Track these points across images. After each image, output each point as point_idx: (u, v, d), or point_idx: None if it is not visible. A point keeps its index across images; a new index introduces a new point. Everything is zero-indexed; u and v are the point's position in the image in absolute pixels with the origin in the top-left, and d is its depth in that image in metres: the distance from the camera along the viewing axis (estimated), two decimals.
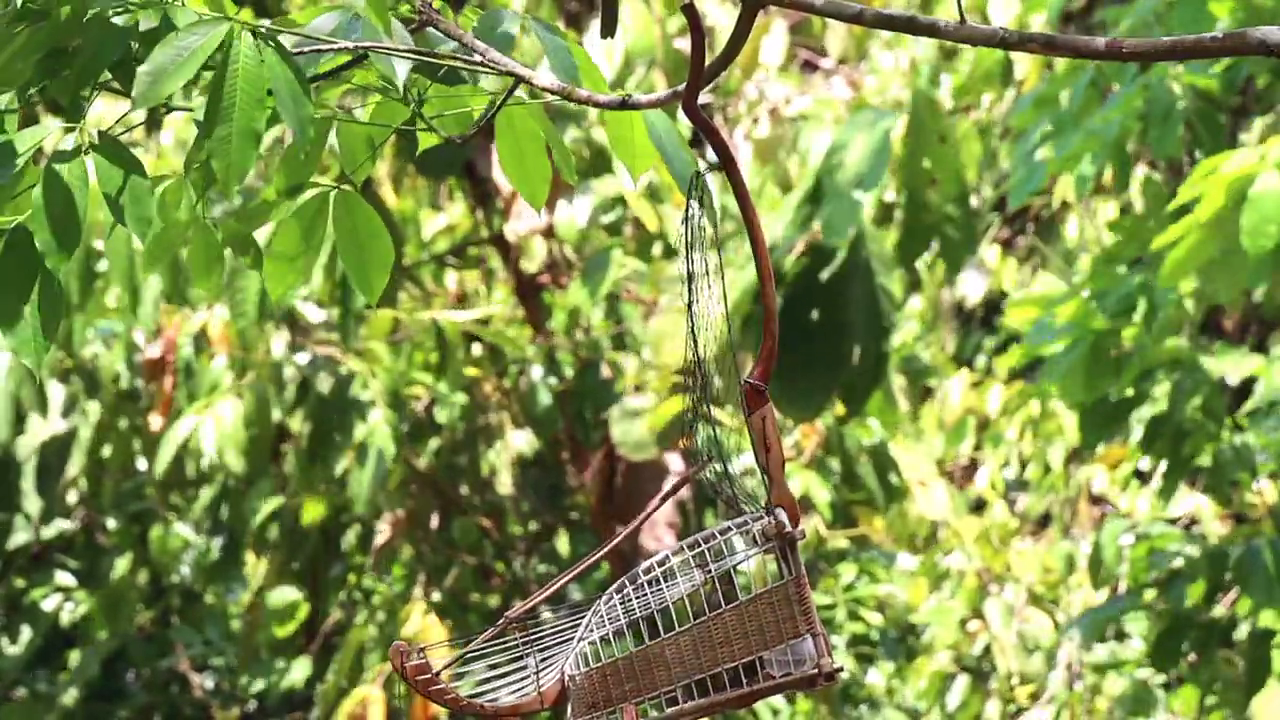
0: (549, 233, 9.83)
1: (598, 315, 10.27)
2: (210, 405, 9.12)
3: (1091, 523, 10.18)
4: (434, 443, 10.13)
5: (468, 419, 10.13)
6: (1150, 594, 7.85)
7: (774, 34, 10.00)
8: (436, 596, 10.15)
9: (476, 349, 9.83)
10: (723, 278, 3.09)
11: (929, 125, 8.09)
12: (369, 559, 10.31)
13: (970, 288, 11.41)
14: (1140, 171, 8.41)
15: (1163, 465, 9.32)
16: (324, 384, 9.21)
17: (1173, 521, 9.95)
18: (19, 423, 8.97)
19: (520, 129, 3.20)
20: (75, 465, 9.40)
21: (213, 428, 9.02)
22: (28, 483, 9.21)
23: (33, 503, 9.13)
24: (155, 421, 9.44)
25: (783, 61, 9.96)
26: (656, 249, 9.81)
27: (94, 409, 9.43)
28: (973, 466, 10.95)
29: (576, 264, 10.34)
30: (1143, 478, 10.03)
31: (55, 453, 9.28)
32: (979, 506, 10.66)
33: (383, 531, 9.84)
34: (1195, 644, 7.74)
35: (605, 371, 10.01)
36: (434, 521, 10.34)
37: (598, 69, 3.20)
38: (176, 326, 9.31)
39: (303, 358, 9.37)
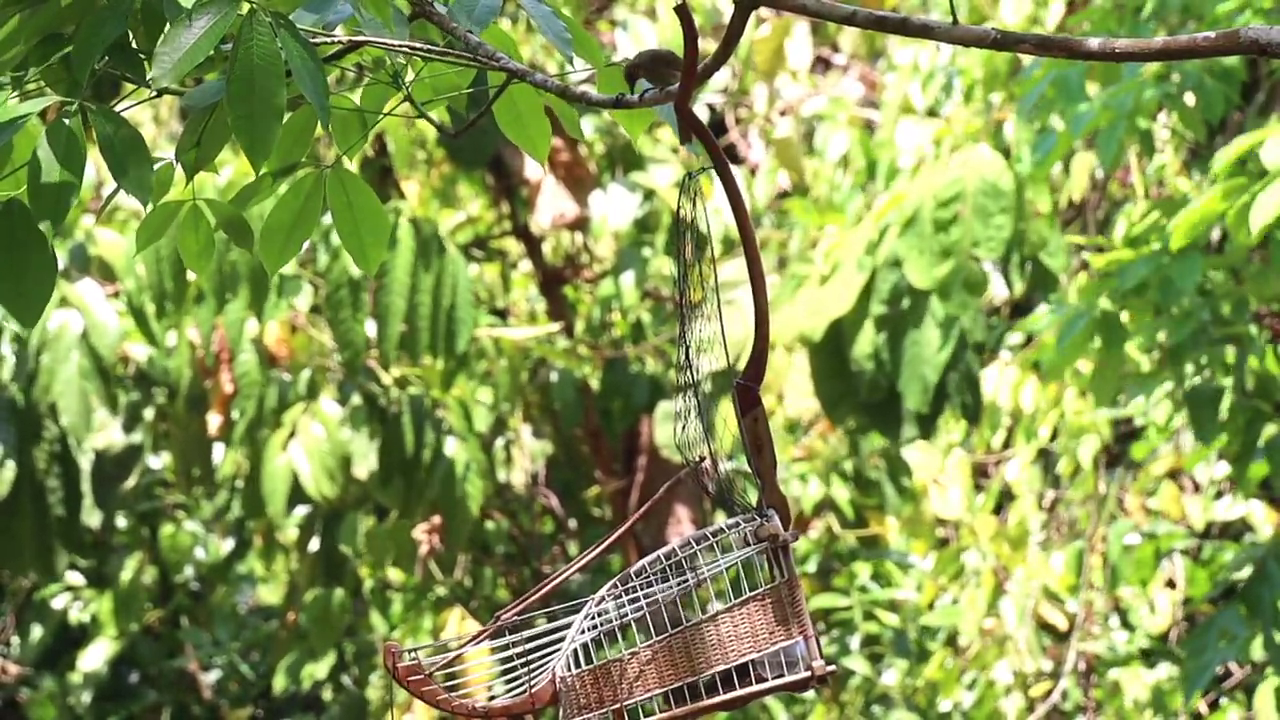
0: (575, 226, 9.79)
1: (643, 312, 10.23)
2: (294, 433, 8.82)
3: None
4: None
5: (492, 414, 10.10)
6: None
7: (797, 38, 9.93)
8: (442, 591, 10.12)
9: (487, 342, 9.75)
10: (715, 276, 3.08)
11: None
12: (389, 555, 10.25)
13: (999, 287, 11.32)
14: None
15: (1213, 468, 9.20)
16: (392, 402, 8.92)
17: (1227, 526, 9.86)
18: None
19: (517, 94, 3.24)
20: (135, 477, 9.12)
21: (305, 460, 8.74)
22: (85, 487, 8.89)
23: (95, 517, 8.89)
24: (213, 421, 9.10)
25: (809, 65, 9.89)
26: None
27: (148, 414, 9.12)
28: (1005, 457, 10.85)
29: (599, 259, 10.32)
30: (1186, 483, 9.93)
31: (114, 462, 9.00)
32: (1012, 499, 10.58)
33: (421, 540, 9.72)
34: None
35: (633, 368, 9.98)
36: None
37: (591, 39, 3.21)
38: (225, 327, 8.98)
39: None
